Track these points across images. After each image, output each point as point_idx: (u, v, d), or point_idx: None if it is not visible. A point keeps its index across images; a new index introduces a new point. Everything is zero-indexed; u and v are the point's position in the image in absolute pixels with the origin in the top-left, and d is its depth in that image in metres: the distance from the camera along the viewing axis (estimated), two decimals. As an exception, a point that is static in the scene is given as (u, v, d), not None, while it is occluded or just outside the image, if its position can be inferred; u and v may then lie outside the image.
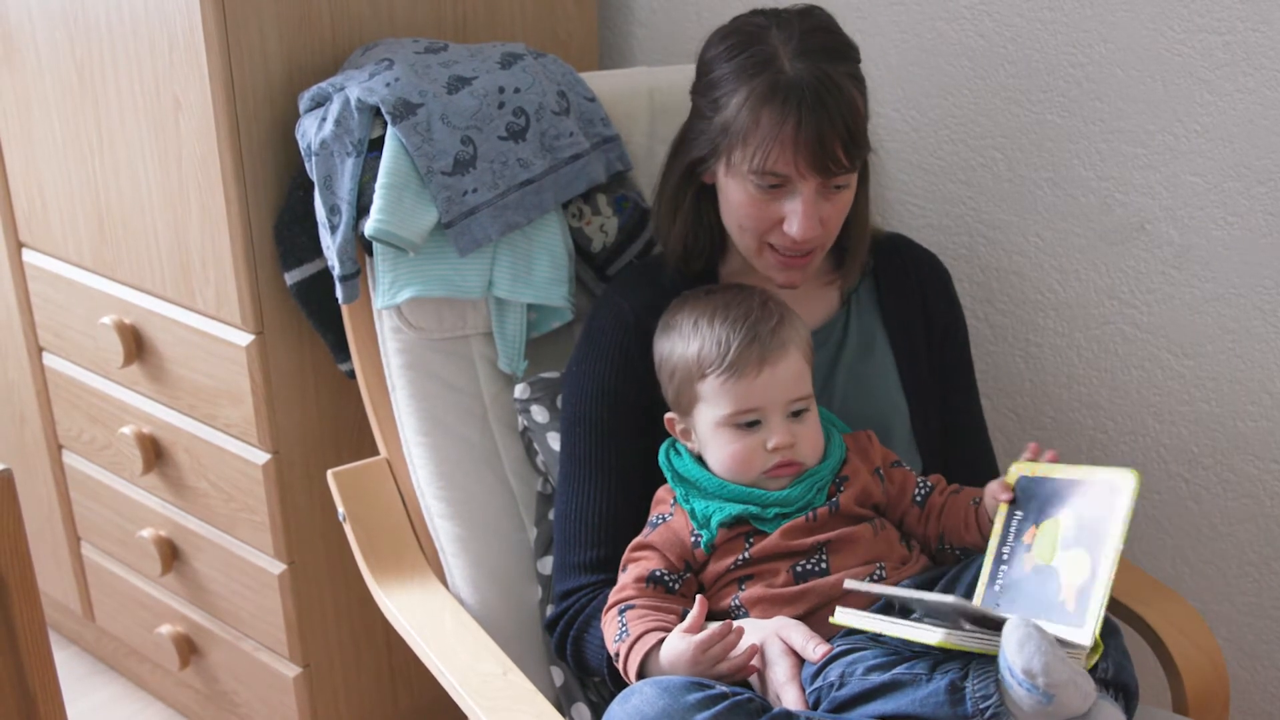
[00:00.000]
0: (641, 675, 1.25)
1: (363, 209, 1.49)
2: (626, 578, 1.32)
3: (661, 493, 1.38)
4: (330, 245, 1.52)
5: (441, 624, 1.42)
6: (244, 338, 1.66)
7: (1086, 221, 1.68)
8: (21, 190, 1.90)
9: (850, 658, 1.18)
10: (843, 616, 1.18)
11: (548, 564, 1.50)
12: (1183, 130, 1.57)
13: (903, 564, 1.32)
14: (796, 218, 1.32)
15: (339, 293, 1.53)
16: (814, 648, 1.20)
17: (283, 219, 1.61)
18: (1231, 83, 1.52)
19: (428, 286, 1.50)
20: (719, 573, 1.31)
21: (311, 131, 1.52)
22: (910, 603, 1.18)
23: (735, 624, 1.21)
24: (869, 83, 1.37)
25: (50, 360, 2.00)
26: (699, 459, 1.35)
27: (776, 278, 1.40)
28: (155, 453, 1.87)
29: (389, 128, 1.48)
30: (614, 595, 1.32)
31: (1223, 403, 1.65)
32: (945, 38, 1.72)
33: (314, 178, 1.52)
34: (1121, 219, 1.65)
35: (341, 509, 1.53)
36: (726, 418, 1.30)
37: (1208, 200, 1.58)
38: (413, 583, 1.50)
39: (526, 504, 1.56)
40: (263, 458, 1.72)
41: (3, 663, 1.17)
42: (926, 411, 1.48)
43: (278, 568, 1.78)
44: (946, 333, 1.51)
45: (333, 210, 1.51)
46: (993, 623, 1.12)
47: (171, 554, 1.93)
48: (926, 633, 1.10)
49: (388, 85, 1.49)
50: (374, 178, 1.48)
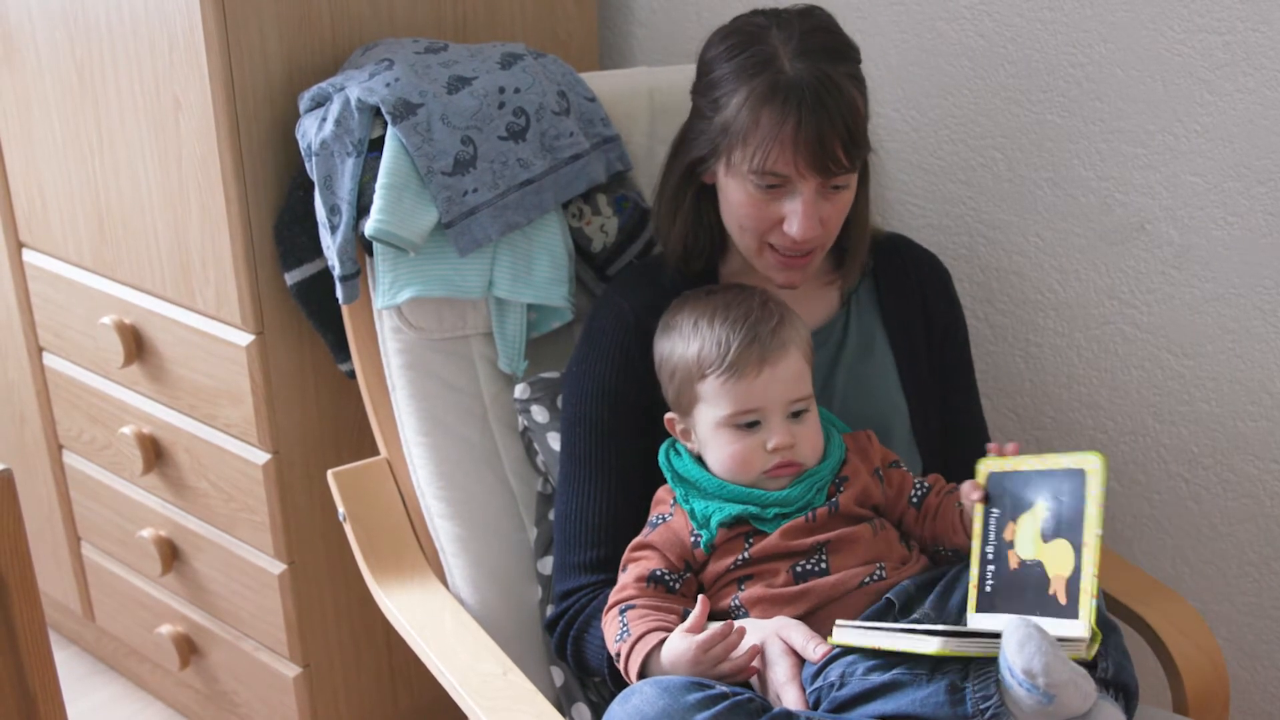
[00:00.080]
0: (643, 675, 1.25)
1: (363, 209, 1.49)
2: (627, 577, 1.32)
3: (661, 493, 1.38)
4: (330, 245, 1.52)
5: (441, 624, 1.42)
6: (244, 338, 1.66)
7: (1086, 221, 1.67)
8: (21, 190, 1.90)
9: (850, 658, 1.18)
10: (840, 636, 1.18)
11: (548, 564, 1.50)
12: (1183, 130, 1.57)
13: (902, 564, 1.31)
14: (796, 218, 1.32)
15: (339, 293, 1.53)
16: (814, 648, 1.20)
17: (283, 219, 1.61)
18: (1231, 83, 1.52)
19: (428, 286, 1.50)
20: (719, 573, 1.31)
21: (311, 131, 1.52)
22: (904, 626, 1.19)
23: (736, 624, 1.21)
24: (869, 83, 1.37)
25: (50, 360, 2.00)
26: (699, 459, 1.35)
27: (776, 278, 1.40)
28: (155, 453, 1.87)
29: (389, 128, 1.48)
30: (614, 595, 1.32)
31: (1223, 403, 1.65)
32: (945, 38, 1.72)
33: (314, 178, 1.52)
34: (1121, 219, 1.65)
35: (341, 509, 1.53)
36: (726, 418, 1.30)
37: (1208, 200, 1.58)
38: (413, 583, 1.49)
39: (526, 504, 1.56)
40: (263, 458, 1.72)
41: (3, 663, 1.17)
42: (926, 411, 1.48)
43: (278, 568, 1.78)
44: (946, 333, 1.51)
45: (333, 210, 1.51)
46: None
47: (171, 554, 1.93)
48: (923, 642, 1.10)
49: (388, 85, 1.49)
50: (374, 178, 1.48)
